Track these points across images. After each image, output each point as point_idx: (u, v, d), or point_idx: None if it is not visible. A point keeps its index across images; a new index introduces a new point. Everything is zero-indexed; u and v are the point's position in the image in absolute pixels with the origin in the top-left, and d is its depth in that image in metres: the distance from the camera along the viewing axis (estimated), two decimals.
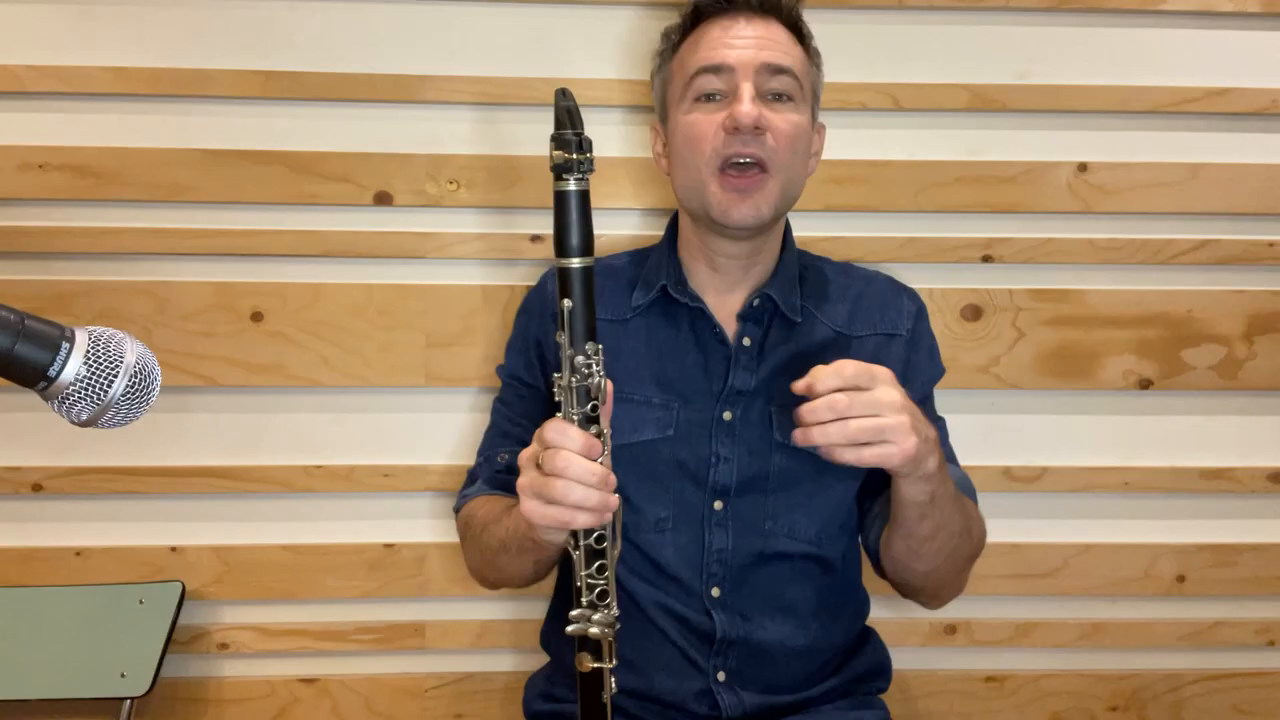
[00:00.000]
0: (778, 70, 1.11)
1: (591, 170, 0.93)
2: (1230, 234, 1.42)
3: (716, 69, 1.11)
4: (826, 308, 1.21)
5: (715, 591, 1.16)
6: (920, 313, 1.25)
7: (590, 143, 0.92)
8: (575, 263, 0.93)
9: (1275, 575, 1.51)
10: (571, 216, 0.93)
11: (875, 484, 1.20)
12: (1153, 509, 1.50)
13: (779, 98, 1.12)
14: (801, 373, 1.15)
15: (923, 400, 1.22)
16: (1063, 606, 1.52)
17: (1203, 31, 1.38)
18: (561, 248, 0.94)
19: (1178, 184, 1.41)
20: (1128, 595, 1.52)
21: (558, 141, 0.92)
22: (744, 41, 1.12)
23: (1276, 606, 1.53)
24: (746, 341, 1.18)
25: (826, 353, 1.17)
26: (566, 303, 0.94)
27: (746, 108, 1.08)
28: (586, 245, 0.93)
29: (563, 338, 0.95)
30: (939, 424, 1.25)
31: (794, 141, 1.12)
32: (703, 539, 1.16)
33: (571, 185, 0.92)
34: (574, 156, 0.91)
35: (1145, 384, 1.46)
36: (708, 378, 1.18)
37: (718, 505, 1.16)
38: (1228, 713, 1.56)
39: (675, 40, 1.18)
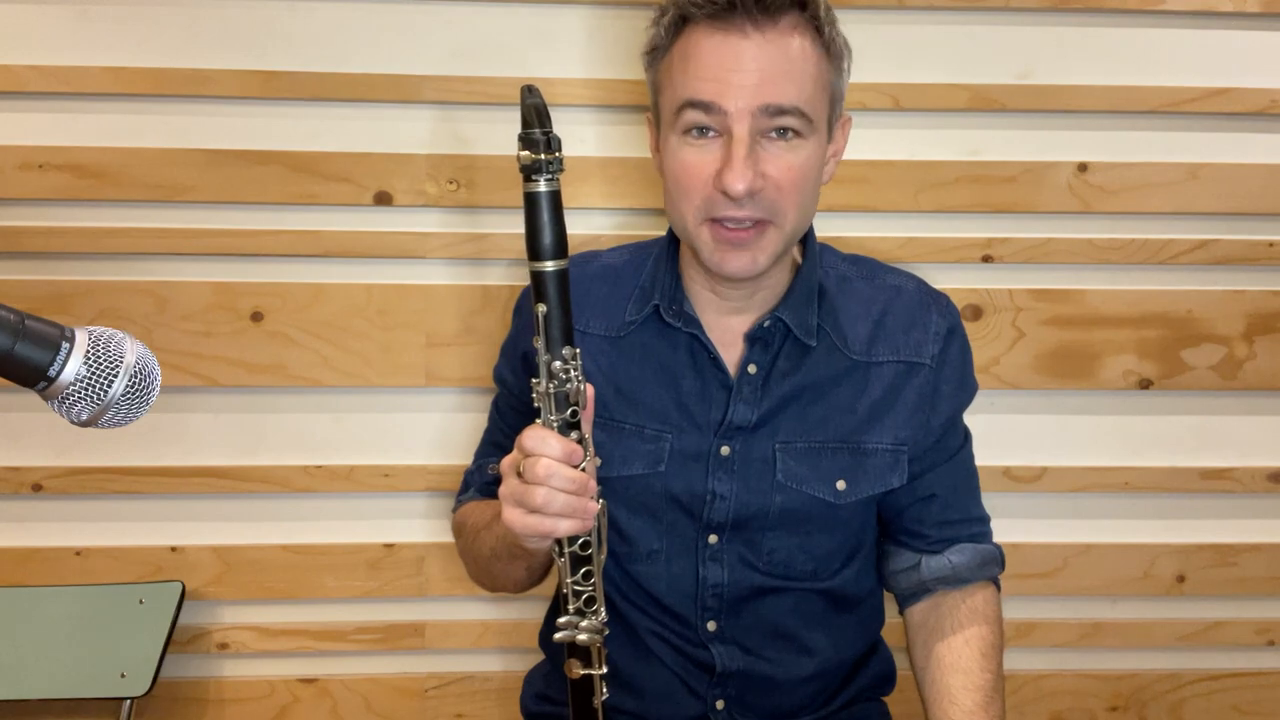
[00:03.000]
0: (779, 112, 0.97)
1: (561, 170, 0.89)
2: (1230, 234, 1.42)
3: (707, 108, 0.97)
4: (845, 328, 1.10)
5: (711, 625, 1.12)
6: (951, 332, 1.13)
7: (559, 141, 0.88)
8: (549, 265, 0.90)
9: (1275, 575, 1.51)
10: (543, 218, 0.89)
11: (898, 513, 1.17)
12: (1153, 509, 1.50)
13: (784, 133, 0.99)
14: (811, 405, 1.10)
15: (947, 430, 1.14)
16: (1063, 606, 1.52)
17: (1203, 31, 1.38)
18: (534, 251, 0.90)
19: (1178, 184, 1.41)
20: (1128, 595, 1.52)
21: (525, 141, 0.88)
22: (743, 73, 0.96)
23: (1276, 606, 1.53)
24: (751, 369, 1.08)
25: (840, 383, 1.10)
26: (541, 308, 0.90)
27: (737, 174, 0.95)
28: (560, 247, 0.90)
29: (539, 343, 0.91)
30: (965, 444, 1.18)
31: (799, 184, 1.00)
32: (697, 572, 1.11)
33: (542, 186, 0.89)
34: (542, 156, 0.88)
35: (1145, 384, 1.46)
36: (705, 406, 1.09)
37: (712, 539, 1.11)
38: (1228, 713, 1.56)
39: (665, 39, 1.02)
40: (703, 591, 1.12)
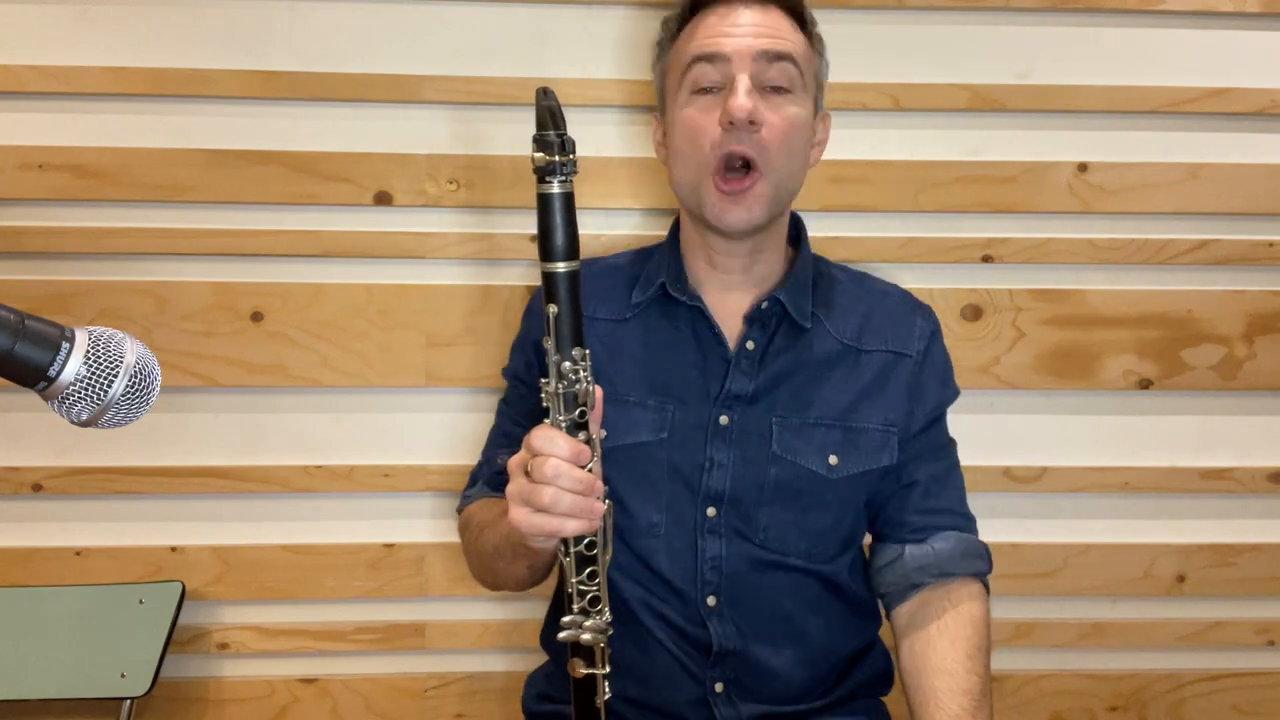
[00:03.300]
0: (777, 57, 1.08)
1: (575, 172, 0.91)
2: (1230, 234, 1.42)
3: (712, 58, 1.08)
4: (837, 318, 1.18)
5: (711, 600, 1.14)
6: (934, 334, 1.21)
7: (573, 143, 0.89)
8: (560, 267, 0.91)
9: (1275, 575, 1.51)
10: (556, 220, 0.91)
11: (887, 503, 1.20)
12: (1153, 509, 1.50)
13: (778, 90, 1.09)
14: (805, 384, 1.16)
15: (931, 424, 1.19)
16: (1063, 606, 1.52)
17: (1203, 31, 1.38)
18: (546, 252, 0.91)
19: (1177, 184, 1.41)
20: (1128, 595, 1.52)
21: (539, 143, 0.89)
22: (741, 29, 1.08)
23: (1276, 606, 1.53)
24: (750, 345, 1.15)
25: (833, 365, 1.16)
26: (552, 308, 0.92)
27: (741, 100, 1.04)
28: (572, 249, 0.91)
29: (549, 343, 0.93)
30: (949, 446, 1.23)
31: (789, 137, 1.09)
32: (696, 545, 1.13)
33: (555, 188, 0.90)
34: (556, 158, 0.89)
35: (1145, 384, 1.46)
36: (705, 379, 1.15)
37: (710, 512, 1.13)
38: (1228, 713, 1.56)
39: (673, 29, 1.15)
40: (701, 565, 1.14)
